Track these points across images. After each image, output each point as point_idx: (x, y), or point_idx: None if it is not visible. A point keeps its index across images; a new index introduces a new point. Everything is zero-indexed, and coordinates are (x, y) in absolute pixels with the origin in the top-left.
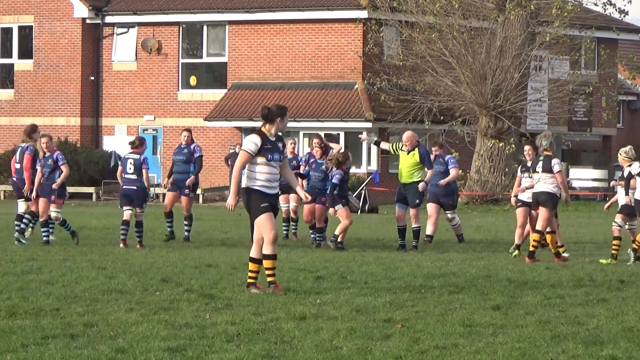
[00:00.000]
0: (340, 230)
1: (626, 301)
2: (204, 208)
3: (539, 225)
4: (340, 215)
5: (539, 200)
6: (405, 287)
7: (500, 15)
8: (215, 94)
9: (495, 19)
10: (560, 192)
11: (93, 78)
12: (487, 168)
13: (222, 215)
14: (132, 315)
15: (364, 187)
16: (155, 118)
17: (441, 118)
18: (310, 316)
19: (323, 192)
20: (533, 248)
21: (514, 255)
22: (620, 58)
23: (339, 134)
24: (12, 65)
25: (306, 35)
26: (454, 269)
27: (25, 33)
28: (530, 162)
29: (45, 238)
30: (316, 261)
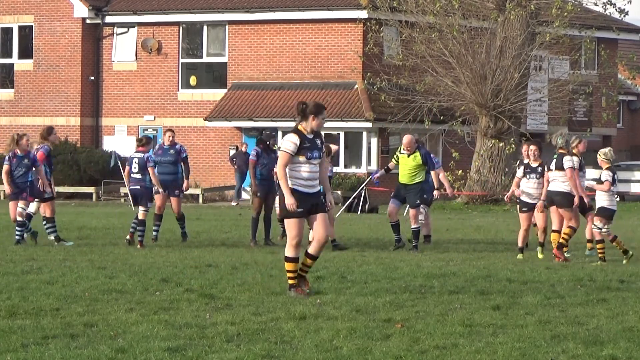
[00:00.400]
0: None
1: (626, 301)
2: (204, 208)
3: (569, 223)
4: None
5: (555, 201)
6: (405, 287)
7: (500, 15)
8: (215, 94)
9: (495, 19)
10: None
11: (93, 78)
12: (487, 168)
13: (222, 215)
14: (132, 315)
15: (364, 187)
16: (155, 118)
17: (441, 118)
18: (310, 316)
19: None
20: (564, 241)
21: (518, 257)
22: (620, 58)
23: (338, 134)
24: (12, 65)
25: (306, 35)
26: (454, 269)
27: (25, 33)
28: (536, 163)
29: (18, 237)
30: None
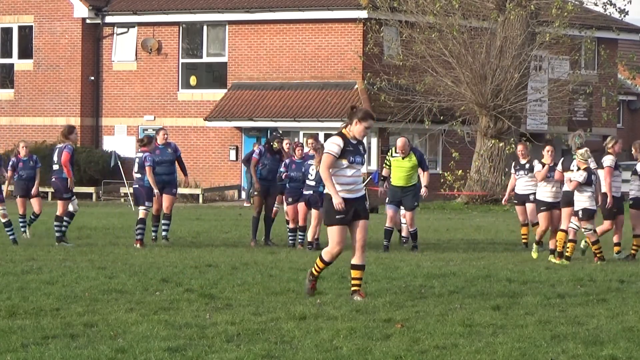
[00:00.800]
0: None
1: (626, 301)
2: (204, 208)
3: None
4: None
5: (572, 201)
6: (405, 287)
7: (500, 15)
8: (215, 94)
9: (495, 19)
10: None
11: (93, 78)
12: (487, 168)
13: (222, 215)
14: (132, 315)
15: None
16: (155, 118)
17: (441, 118)
18: (310, 316)
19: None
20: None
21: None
22: (620, 58)
23: None
24: (12, 65)
25: (306, 35)
26: (454, 269)
27: (25, 33)
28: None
29: (16, 235)
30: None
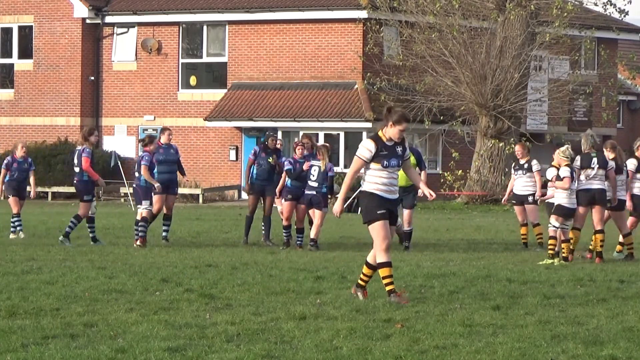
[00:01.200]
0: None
1: (626, 301)
2: (204, 208)
3: (599, 226)
4: (320, 216)
5: (597, 198)
6: (405, 287)
7: (500, 15)
8: (215, 94)
9: (495, 19)
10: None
11: (93, 78)
12: (487, 168)
13: (222, 215)
14: (132, 315)
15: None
16: (155, 118)
17: (441, 118)
18: (310, 316)
19: (303, 192)
20: (601, 249)
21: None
22: (620, 58)
23: (338, 134)
24: (12, 65)
25: (306, 35)
26: (454, 269)
27: (25, 33)
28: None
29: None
30: (316, 261)
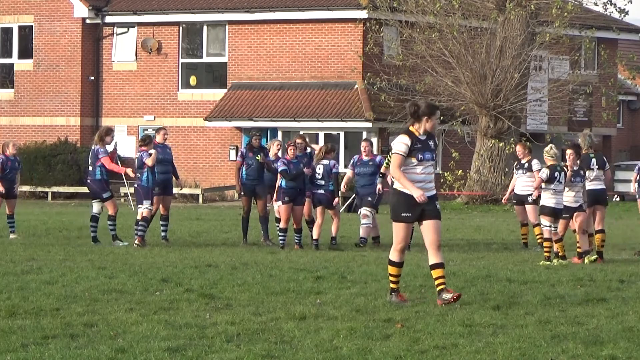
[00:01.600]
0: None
1: (626, 301)
2: (204, 208)
3: (600, 225)
4: (334, 214)
5: (600, 199)
6: (405, 287)
7: (500, 15)
8: (215, 94)
9: (495, 19)
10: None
11: (93, 78)
12: (487, 168)
13: (222, 215)
14: (132, 315)
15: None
16: (155, 118)
17: (441, 118)
18: (310, 316)
19: (301, 193)
20: (601, 249)
21: (590, 258)
22: (620, 58)
23: (338, 134)
24: (12, 65)
25: (306, 35)
26: (454, 269)
27: (25, 33)
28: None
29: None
30: (316, 261)
